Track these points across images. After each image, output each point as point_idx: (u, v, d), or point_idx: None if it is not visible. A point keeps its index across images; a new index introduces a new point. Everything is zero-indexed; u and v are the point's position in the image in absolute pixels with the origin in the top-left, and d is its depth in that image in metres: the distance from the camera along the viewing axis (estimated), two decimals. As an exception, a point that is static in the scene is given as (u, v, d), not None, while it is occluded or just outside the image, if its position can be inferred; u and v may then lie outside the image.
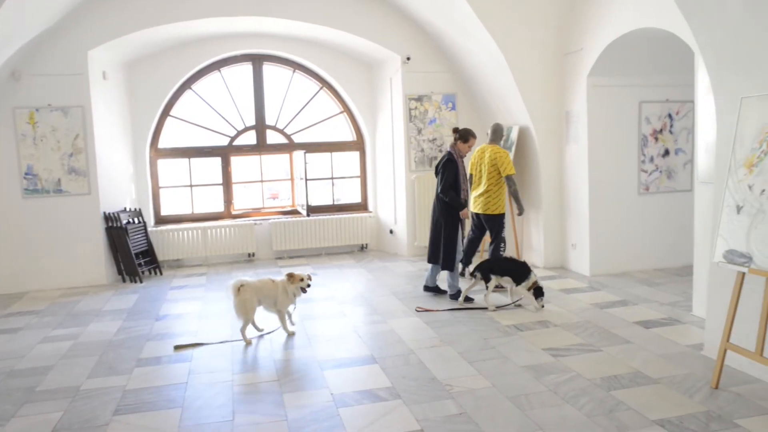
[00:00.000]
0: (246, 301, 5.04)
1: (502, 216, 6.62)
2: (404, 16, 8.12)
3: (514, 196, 6.57)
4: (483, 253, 7.50)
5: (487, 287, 5.86)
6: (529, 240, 7.89)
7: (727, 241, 3.88)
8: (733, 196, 3.88)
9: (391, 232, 8.94)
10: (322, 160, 9.26)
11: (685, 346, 4.68)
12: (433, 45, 8.31)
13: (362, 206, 9.39)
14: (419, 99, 8.38)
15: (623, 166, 7.01)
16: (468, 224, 6.91)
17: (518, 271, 5.81)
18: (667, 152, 7.15)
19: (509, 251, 8.26)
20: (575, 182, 7.19)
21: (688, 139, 7.14)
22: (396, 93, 8.42)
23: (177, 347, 5.06)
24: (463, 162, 6.26)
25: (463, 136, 6.22)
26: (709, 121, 5.07)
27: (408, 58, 8.21)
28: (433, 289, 6.49)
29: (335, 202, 9.37)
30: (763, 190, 3.65)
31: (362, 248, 9.17)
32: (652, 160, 7.09)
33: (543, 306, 5.76)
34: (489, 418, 3.58)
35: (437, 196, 6.29)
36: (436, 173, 6.31)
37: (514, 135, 7.66)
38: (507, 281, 5.88)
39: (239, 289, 5.06)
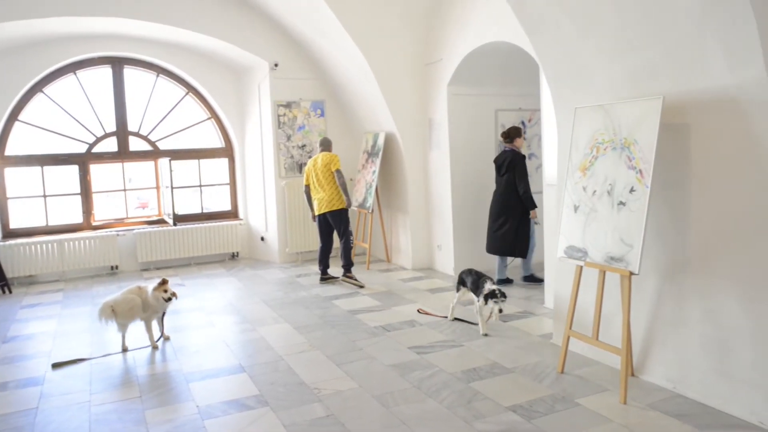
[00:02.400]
0: (136, 306, 4.96)
1: (346, 210, 7.01)
2: (272, 23, 8.10)
3: (342, 188, 6.92)
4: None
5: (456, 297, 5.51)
6: (398, 243, 8.15)
7: (567, 238, 4.26)
8: (571, 196, 4.27)
9: (262, 239, 8.85)
10: (190, 167, 8.98)
11: (537, 336, 5.07)
12: (302, 52, 8.36)
13: (232, 214, 9.22)
14: (288, 105, 8.38)
15: (483, 170, 7.44)
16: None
17: (480, 284, 5.22)
18: (529, 157, 7.67)
19: (380, 253, 8.48)
20: (439, 186, 7.53)
21: (539, 145, 7.70)
22: (264, 99, 8.37)
23: (55, 365, 4.75)
24: None
25: (517, 131, 6.59)
26: (553, 129, 5.53)
27: (276, 65, 8.20)
28: (529, 278, 6.80)
29: (204, 211, 9.12)
30: (595, 191, 4.05)
31: (233, 256, 9.00)
32: (508, 164, 7.58)
33: (501, 311, 4.92)
34: (355, 418, 3.67)
35: (504, 192, 6.53)
36: (502, 172, 6.55)
37: (380, 141, 7.88)
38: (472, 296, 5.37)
39: (112, 309, 4.89)
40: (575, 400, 3.82)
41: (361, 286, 6.90)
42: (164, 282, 5.07)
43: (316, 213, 7.11)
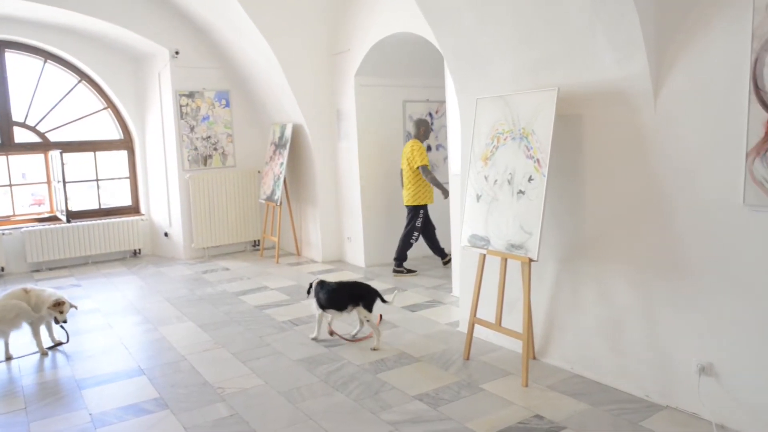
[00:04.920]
0: (21, 311, 4.57)
1: (419, 207, 6.85)
2: (172, 8, 7.73)
3: (433, 183, 6.74)
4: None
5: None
6: (308, 236, 8.05)
7: (471, 227, 4.33)
8: (473, 186, 4.34)
9: (166, 235, 8.49)
10: (86, 160, 8.46)
11: (444, 325, 5.14)
12: (205, 40, 8.05)
13: (133, 209, 8.78)
14: (190, 95, 8.05)
15: (390, 162, 7.47)
16: None
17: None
18: (429, 148, 7.76)
19: (290, 247, 8.35)
20: (348, 178, 7.49)
21: (447, 136, 7.81)
22: (165, 89, 8.00)
23: None
24: None
25: None
26: (458, 120, 5.60)
27: (177, 53, 7.85)
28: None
29: (102, 206, 8.62)
30: (496, 180, 4.13)
31: (135, 254, 8.58)
32: (417, 155, 7.64)
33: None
34: (260, 416, 3.57)
35: None
36: None
37: (288, 132, 7.74)
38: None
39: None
40: (480, 385, 3.90)
41: (412, 271, 6.94)
42: (60, 303, 4.68)
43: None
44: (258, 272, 7.33)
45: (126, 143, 8.69)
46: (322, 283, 4.76)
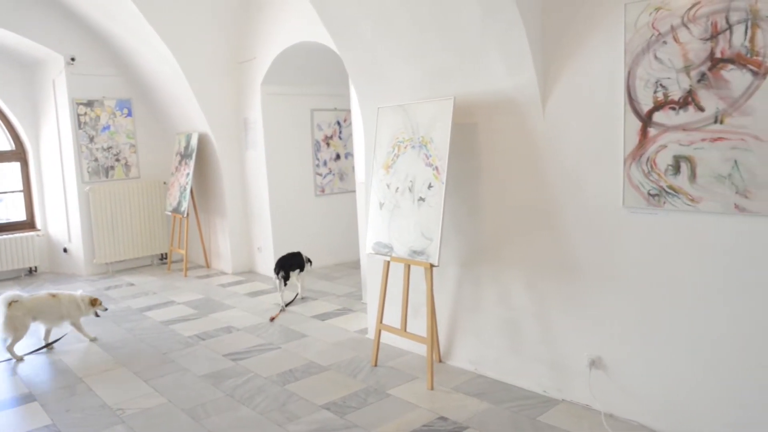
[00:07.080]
0: (16, 318, 4.79)
1: None
2: (67, 13, 7.36)
3: None
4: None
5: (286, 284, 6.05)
6: (217, 247, 7.87)
7: (375, 234, 4.38)
8: (376, 194, 4.39)
9: (65, 250, 8.06)
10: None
11: (353, 332, 5.16)
12: (103, 46, 7.72)
13: (28, 224, 8.28)
14: (89, 104, 7.70)
15: (300, 170, 7.45)
16: None
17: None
18: (338, 156, 7.80)
19: (198, 259, 8.15)
20: (256, 187, 7.39)
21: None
22: (61, 97, 7.61)
23: None
24: None
25: None
26: (362, 128, 5.65)
27: (73, 59, 7.49)
28: None
29: (-8, 222, 8.09)
30: (397, 188, 4.21)
31: (31, 272, 8.09)
32: (325, 163, 7.66)
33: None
34: (161, 436, 3.47)
35: None
36: None
37: (194, 142, 7.55)
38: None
39: (11, 304, 4.76)
40: (387, 391, 3.94)
41: None
42: (94, 300, 5.21)
43: None
44: (165, 286, 7.10)
45: (18, 154, 8.20)
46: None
